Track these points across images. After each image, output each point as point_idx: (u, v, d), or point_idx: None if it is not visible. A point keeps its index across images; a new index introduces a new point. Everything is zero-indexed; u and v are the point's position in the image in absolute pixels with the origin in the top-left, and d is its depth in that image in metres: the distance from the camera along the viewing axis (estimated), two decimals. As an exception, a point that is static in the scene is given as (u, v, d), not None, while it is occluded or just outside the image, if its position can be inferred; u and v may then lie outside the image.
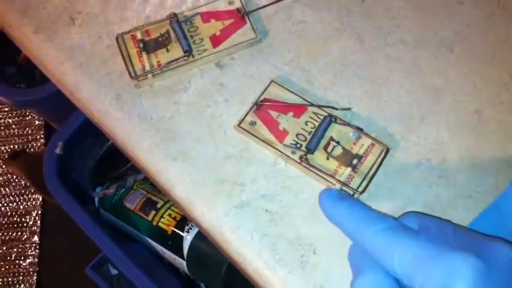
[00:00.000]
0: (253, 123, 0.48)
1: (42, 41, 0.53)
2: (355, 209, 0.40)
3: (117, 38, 0.51)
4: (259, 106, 0.48)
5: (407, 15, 0.52)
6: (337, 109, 0.48)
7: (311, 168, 0.46)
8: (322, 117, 0.48)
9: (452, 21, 0.51)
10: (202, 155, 0.48)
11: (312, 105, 0.48)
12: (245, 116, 0.48)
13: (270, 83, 0.49)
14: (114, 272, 0.73)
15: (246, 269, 0.46)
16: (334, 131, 0.47)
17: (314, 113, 0.48)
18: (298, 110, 0.48)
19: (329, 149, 0.47)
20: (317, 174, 0.46)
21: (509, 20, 0.52)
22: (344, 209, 0.40)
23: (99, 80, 0.51)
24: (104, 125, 0.50)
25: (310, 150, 0.46)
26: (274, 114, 0.48)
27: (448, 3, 0.52)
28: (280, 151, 0.47)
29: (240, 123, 0.48)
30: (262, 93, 0.49)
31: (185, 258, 0.69)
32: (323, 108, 0.48)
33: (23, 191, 1.36)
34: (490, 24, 0.52)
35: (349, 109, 0.49)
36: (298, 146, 0.47)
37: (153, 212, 0.72)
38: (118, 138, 0.50)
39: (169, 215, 0.71)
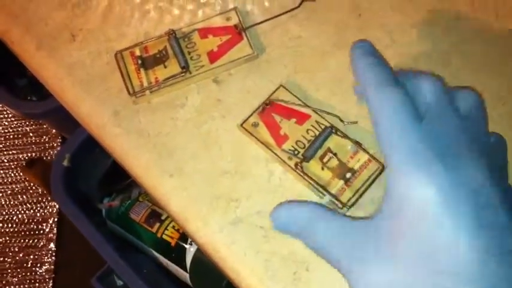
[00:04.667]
0: (255, 125, 0.48)
1: (44, 57, 0.54)
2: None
3: (116, 54, 0.52)
4: (264, 109, 0.49)
5: (404, 29, 0.52)
6: (342, 122, 0.48)
7: (304, 176, 0.46)
8: (323, 127, 0.48)
9: (450, 33, 0.51)
10: (198, 170, 0.48)
11: (321, 111, 0.48)
12: (249, 117, 0.49)
13: (279, 87, 0.50)
14: (119, 282, 0.74)
15: (240, 285, 0.46)
16: (333, 142, 0.48)
17: (317, 122, 0.48)
18: (302, 117, 0.49)
19: (325, 160, 0.47)
20: (309, 182, 0.46)
21: (507, 31, 0.51)
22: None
23: (98, 96, 0.51)
24: (103, 141, 0.51)
25: (306, 158, 0.47)
26: (277, 118, 0.49)
27: (445, 16, 0.52)
28: (277, 155, 0.47)
29: (242, 123, 0.49)
30: (270, 96, 0.49)
31: (188, 271, 0.70)
32: (327, 119, 0.48)
33: (39, 199, 1.38)
34: (488, 36, 0.51)
35: (355, 122, 0.48)
36: (296, 152, 0.47)
37: (158, 224, 0.73)
38: (116, 153, 0.51)
39: (173, 227, 0.72)
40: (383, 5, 0.53)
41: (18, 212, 1.37)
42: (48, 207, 1.37)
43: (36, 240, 1.35)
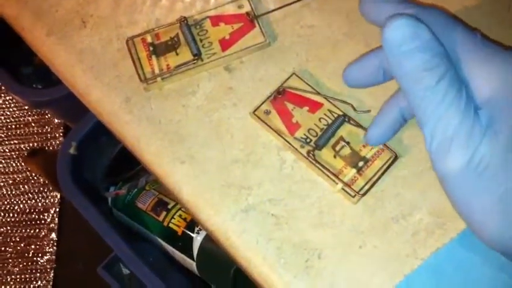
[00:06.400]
0: (267, 112, 0.48)
1: (54, 43, 0.53)
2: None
3: (127, 41, 0.52)
4: (276, 97, 0.49)
5: (417, 19, 0.51)
6: (355, 110, 0.48)
7: (316, 164, 0.46)
8: (336, 116, 0.48)
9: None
10: (209, 158, 0.48)
11: (334, 99, 0.48)
12: (261, 104, 0.49)
13: (291, 75, 0.50)
14: (126, 271, 0.73)
15: (252, 273, 0.46)
16: (346, 130, 0.48)
17: (329, 110, 0.48)
18: (314, 105, 0.49)
19: (337, 148, 0.47)
20: (322, 171, 0.46)
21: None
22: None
23: (109, 83, 0.51)
24: (113, 128, 0.51)
25: (318, 146, 0.47)
26: (290, 106, 0.49)
27: (458, 8, 0.52)
28: (289, 143, 0.47)
29: (255, 111, 0.49)
30: (283, 83, 0.49)
31: (195, 259, 0.70)
32: (339, 107, 0.48)
33: (41, 189, 1.38)
34: (499, 29, 0.51)
35: (368, 111, 0.48)
36: (308, 140, 0.47)
37: (164, 213, 0.73)
38: (127, 140, 0.50)
39: (180, 215, 0.72)
40: (396, -6, 0.52)
41: (19, 202, 1.37)
42: (49, 197, 1.37)
43: (37, 230, 1.34)
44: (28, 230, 1.34)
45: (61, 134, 1.41)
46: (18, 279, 1.31)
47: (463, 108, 0.33)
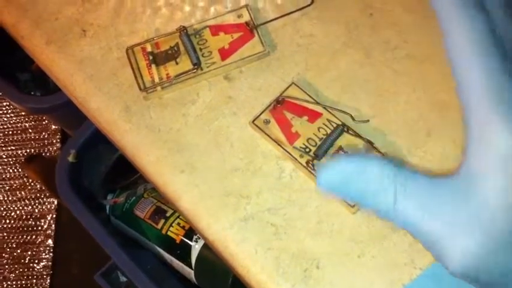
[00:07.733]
0: (267, 122, 0.49)
1: (54, 52, 0.53)
2: None
3: (127, 50, 0.52)
4: (275, 106, 0.49)
5: (415, 29, 0.52)
6: (354, 120, 0.48)
7: (316, 174, 0.46)
8: (335, 125, 0.48)
9: (461, 36, 0.51)
10: (209, 167, 0.48)
11: (333, 109, 0.49)
12: (261, 114, 0.49)
13: (291, 84, 0.50)
14: (123, 279, 0.73)
15: (250, 282, 0.46)
16: (344, 140, 0.48)
17: (328, 120, 0.48)
18: (313, 114, 0.49)
19: None
20: None
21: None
22: None
23: (108, 92, 0.51)
24: (113, 136, 0.51)
25: (317, 156, 0.47)
26: (289, 115, 0.49)
27: (457, 18, 0.52)
28: (288, 152, 0.47)
29: (254, 120, 0.49)
30: (282, 93, 0.49)
31: (193, 268, 0.70)
32: (338, 117, 0.48)
33: (38, 195, 1.37)
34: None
35: (367, 121, 0.48)
36: (307, 150, 0.47)
37: (163, 221, 0.73)
38: (126, 149, 0.51)
39: (178, 223, 0.72)
40: (395, 4, 0.53)
41: (16, 208, 1.37)
42: (46, 204, 1.37)
43: (34, 237, 1.34)
44: (24, 236, 1.34)
45: (58, 140, 1.41)
46: (14, 286, 1.30)
47: None
